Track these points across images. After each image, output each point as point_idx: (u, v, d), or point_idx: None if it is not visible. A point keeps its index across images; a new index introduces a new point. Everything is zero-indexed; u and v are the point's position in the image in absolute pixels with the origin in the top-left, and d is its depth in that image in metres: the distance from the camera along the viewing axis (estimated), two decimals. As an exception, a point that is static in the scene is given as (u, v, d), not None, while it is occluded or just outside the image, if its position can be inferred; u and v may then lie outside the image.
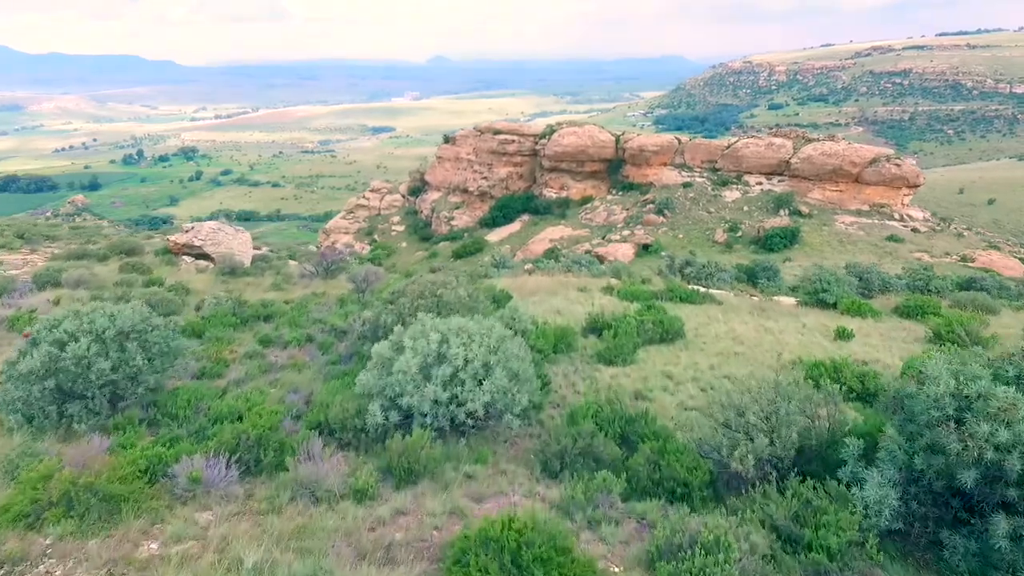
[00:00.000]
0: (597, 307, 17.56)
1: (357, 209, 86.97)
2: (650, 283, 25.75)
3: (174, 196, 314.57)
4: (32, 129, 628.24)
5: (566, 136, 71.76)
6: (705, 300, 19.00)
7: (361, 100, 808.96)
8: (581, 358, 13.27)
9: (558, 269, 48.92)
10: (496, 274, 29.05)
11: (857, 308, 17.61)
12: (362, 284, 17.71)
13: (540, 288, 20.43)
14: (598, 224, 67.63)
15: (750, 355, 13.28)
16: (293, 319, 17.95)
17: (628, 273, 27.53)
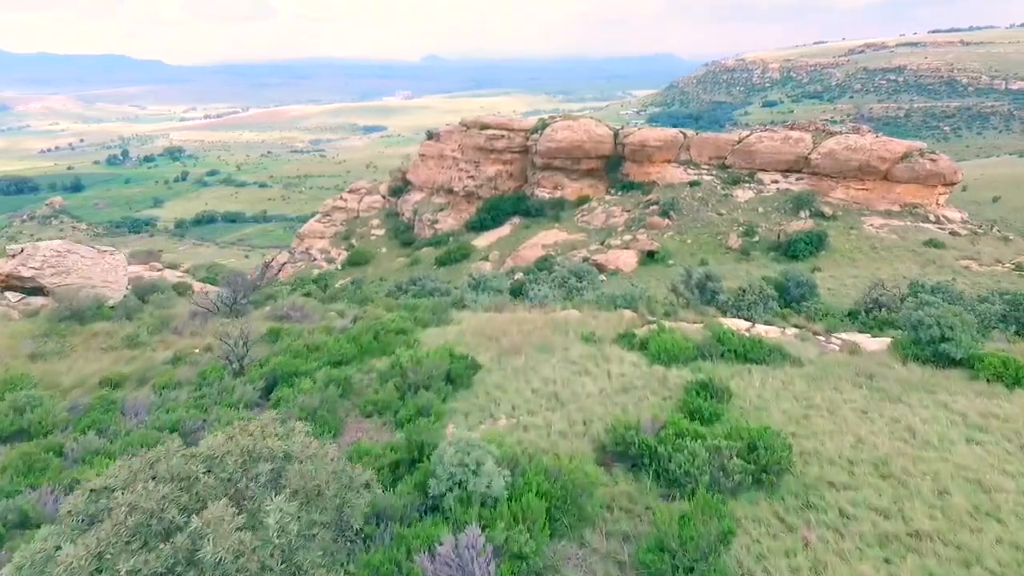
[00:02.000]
0: (617, 381, 11.19)
1: (334, 211, 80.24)
2: (676, 314, 19.23)
3: (158, 197, 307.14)
4: (18, 130, 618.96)
5: (560, 131, 65.27)
6: (773, 355, 12.65)
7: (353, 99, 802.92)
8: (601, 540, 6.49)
9: (553, 283, 42.41)
10: (473, 301, 22.58)
11: (1018, 374, 11.20)
12: (241, 350, 11.34)
13: (526, 336, 14.06)
14: (596, 227, 61.18)
15: (927, 527, 6.65)
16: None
17: (646, 300, 21.03)
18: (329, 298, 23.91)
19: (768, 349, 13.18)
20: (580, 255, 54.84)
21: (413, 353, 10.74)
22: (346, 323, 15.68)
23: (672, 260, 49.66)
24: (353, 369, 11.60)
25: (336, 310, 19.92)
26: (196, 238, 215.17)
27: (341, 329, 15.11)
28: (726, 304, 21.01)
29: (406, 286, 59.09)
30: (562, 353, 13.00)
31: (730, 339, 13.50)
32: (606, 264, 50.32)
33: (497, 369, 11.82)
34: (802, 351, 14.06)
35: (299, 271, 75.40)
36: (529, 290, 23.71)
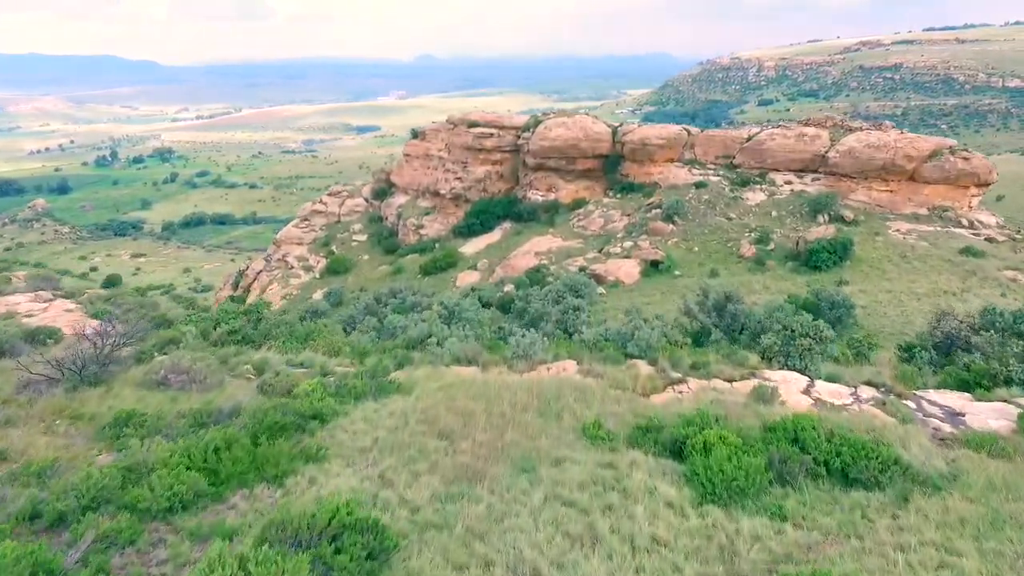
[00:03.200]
0: (647, 557, 6.30)
1: (313, 216, 75.08)
2: (707, 366, 14.26)
3: (146, 199, 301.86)
4: (9, 131, 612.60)
5: (554, 128, 60.29)
6: (889, 471, 7.77)
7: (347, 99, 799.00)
8: None
9: (546, 299, 37.45)
10: (443, 339, 17.63)
11: None
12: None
13: (499, 427, 9.19)
14: (594, 233, 56.26)
15: None
16: None
17: (666, 346, 15.99)
18: (262, 335, 18.97)
19: (878, 458, 8.27)
20: (576, 264, 49.94)
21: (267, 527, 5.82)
22: (239, 401, 10.73)
23: (679, 271, 44.80)
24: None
25: (249, 362, 14.87)
26: (183, 241, 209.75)
27: (228, 413, 10.15)
28: (771, 349, 16.04)
29: (385, 298, 53.96)
30: (553, 474, 8.05)
31: (813, 440, 8.60)
32: (605, 275, 45.41)
33: (433, 533, 6.72)
34: (915, 450, 9.15)
35: (275, 279, 70.29)
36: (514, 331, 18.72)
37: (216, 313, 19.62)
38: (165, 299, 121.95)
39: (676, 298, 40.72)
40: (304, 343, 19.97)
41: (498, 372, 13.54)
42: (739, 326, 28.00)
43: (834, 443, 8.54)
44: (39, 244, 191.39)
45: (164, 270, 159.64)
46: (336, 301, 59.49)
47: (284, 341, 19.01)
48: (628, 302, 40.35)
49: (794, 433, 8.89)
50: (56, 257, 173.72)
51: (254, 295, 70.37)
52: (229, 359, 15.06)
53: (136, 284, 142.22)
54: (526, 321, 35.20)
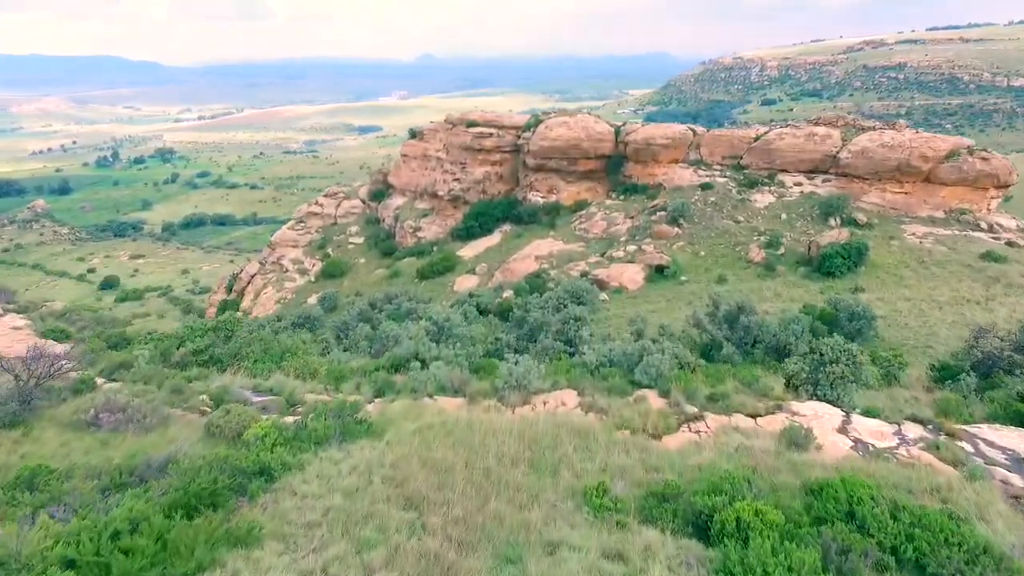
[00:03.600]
0: None
1: (309, 217, 73.34)
2: (727, 398, 12.42)
3: (147, 200, 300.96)
4: (11, 131, 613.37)
5: (555, 128, 58.45)
6: (976, 562, 5.98)
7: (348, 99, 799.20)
8: None
9: (546, 307, 35.59)
10: (430, 361, 15.83)
11: None
12: None
13: (484, 489, 7.39)
14: (596, 236, 54.42)
15: None
16: None
17: (679, 374, 14.10)
18: (232, 354, 17.18)
19: (961, 546, 6.45)
20: (578, 269, 48.12)
21: None
22: (176, 449, 8.91)
23: (685, 276, 42.94)
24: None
25: (207, 391, 13.06)
26: (183, 242, 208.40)
27: (158, 467, 8.36)
28: (799, 376, 14.15)
29: (380, 304, 52.16)
30: (545, 568, 6.18)
31: (874, 516, 6.78)
32: (608, 281, 43.59)
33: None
34: (998, 524, 7.33)
35: (270, 283, 68.58)
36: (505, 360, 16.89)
37: (181, 330, 17.86)
38: (132, 312, 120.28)
39: (683, 305, 38.91)
40: (280, 362, 18.20)
41: (486, 408, 11.73)
42: (752, 338, 26.18)
43: (902, 522, 6.73)
44: (37, 245, 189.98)
45: (162, 271, 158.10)
46: (331, 306, 57.75)
47: (256, 361, 17.22)
48: (632, 310, 38.54)
49: (848, 505, 7.08)
50: (54, 258, 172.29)
51: (248, 299, 68.68)
52: (184, 388, 13.25)
53: (133, 286, 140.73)
54: (525, 331, 33.40)
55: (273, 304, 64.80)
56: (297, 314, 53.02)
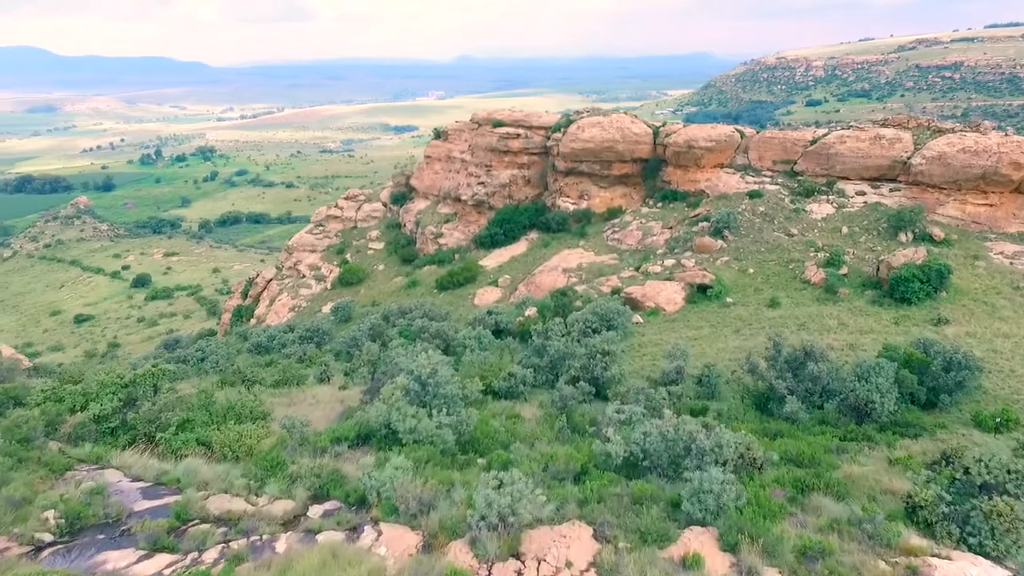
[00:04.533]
0: None
1: (328, 221, 70.15)
2: (826, 555, 7.81)
3: (186, 197, 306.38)
4: (65, 129, 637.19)
5: (587, 128, 53.74)
6: None
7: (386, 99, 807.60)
8: None
9: (569, 335, 31.05)
10: (406, 436, 11.63)
11: None
12: None
13: None
14: (630, 247, 49.58)
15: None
16: None
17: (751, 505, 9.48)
18: (148, 421, 13.19)
19: None
20: (610, 284, 43.39)
21: None
22: None
23: (731, 297, 37.83)
24: None
25: (64, 499, 9.04)
26: (217, 240, 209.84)
27: None
28: (933, 511, 9.31)
29: (394, 318, 48.35)
30: None
31: None
32: (643, 300, 38.77)
33: None
34: None
35: (285, 289, 65.56)
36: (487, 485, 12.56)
37: (92, 385, 14.02)
38: (159, 311, 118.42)
39: (729, 333, 33.92)
40: (220, 421, 14.23)
41: (454, 558, 7.38)
42: (820, 388, 21.26)
43: None
44: (78, 241, 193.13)
45: (194, 270, 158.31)
46: (344, 316, 54.29)
47: (180, 428, 13.21)
48: (671, 336, 33.75)
49: None
50: (92, 255, 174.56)
51: (263, 305, 65.85)
52: (28, 496, 9.26)
53: (164, 284, 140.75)
54: (545, 362, 28.95)
55: (287, 312, 61.74)
56: (306, 326, 49.61)
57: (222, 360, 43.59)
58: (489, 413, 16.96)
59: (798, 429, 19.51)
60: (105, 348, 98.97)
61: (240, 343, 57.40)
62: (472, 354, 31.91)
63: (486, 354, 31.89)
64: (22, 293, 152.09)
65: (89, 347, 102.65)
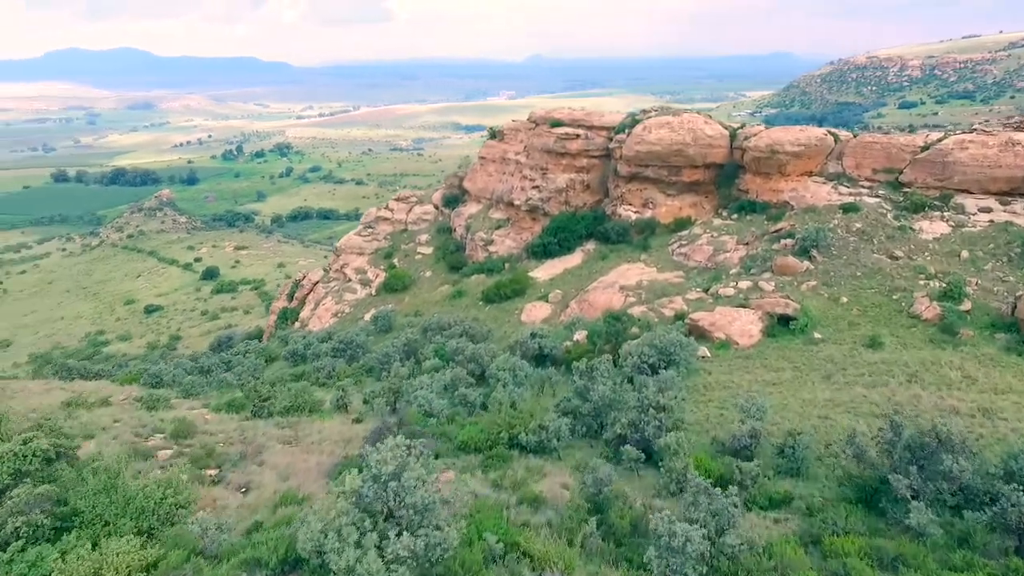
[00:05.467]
0: None
1: (378, 223, 67.43)
2: None
3: (262, 192, 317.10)
4: (159, 125, 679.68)
5: (655, 129, 48.17)
6: None
7: (458, 99, 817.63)
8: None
9: (620, 375, 26.00)
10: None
11: None
12: None
13: None
14: (698, 264, 43.79)
15: None
16: None
17: None
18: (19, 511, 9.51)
19: None
20: (673, 307, 37.93)
21: None
22: None
23: (819, 332, 31.66)
24: None
25: None
26: (286, 235, 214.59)
27: None
28: None
29: (433, 332, 44.54)
30: None
31: None
32: (711, 330, 33.18)
33: None
34: None
35: (330, 293, 63.20)
36: None
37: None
38: (221, 305, 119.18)
39: (817, 379, 27.93)
40: (135, 518, 10.42)
41: None
42: (956, 487, 15.49)
43: None
44: (158, 232, 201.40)
45: (261, 264, 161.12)
46: (384, 327, 51.06)
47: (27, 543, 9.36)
48: (744, 378, 28.13)
49: None
50: (169, 246, 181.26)
51: (308, 308, 63.79)
52: None
53: (231, 277, 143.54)
54: (588, 410, 24.11)
55: (330, 317, 59.27)
56: (340, 337, 46.58)
57: (246, 372, 41.14)
58: (489, 515, 12.36)
59: (927, 549, 13.94)
60: (167, 340, 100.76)
61: (280, 348, 55.31)
62: (504, 390, 27.43)
63: (520, 391, 27.36)
64: (103, 281, 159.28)
65: (153, 338, 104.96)
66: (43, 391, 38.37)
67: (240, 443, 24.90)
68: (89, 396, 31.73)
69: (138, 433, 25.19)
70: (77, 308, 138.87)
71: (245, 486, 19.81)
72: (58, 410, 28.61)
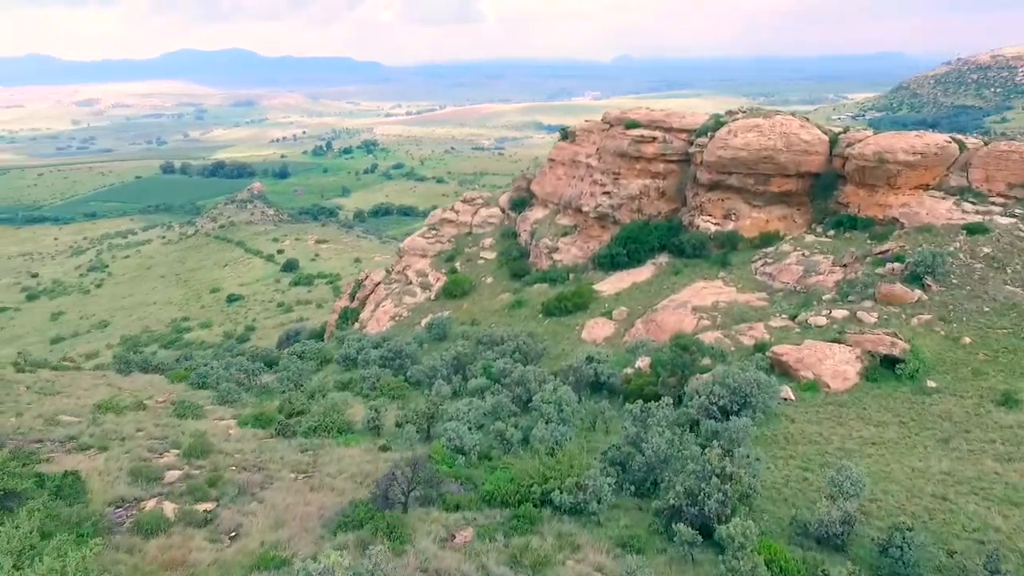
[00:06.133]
0: None
1: (442, 224, 65.56)
2: None
3: (347, 187, 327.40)
4: (259, 122, 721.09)
5: (741, 133, 43.19)
6: None
7: (543, 99, 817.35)
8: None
9: (682, 419, 22.02)
10: None
11: None
12: None
13: None
14: (785, 286, 38.63)
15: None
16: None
17: None
18: None
19: None
20: (753, 335, 33.28)
21: None
22: None
23: (934, 379, 26.26)
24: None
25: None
26: (365, 230, 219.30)
27: None
28: None
29: (485, 345, 41.70)
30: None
31: None
32: (797, 367, 28.43)
33: None
34: None
35: (390, 295, 61.89)
36: None
37: None
38: (296, 298, 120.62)
39: (932, 443, 22.75)
40: None
41: None
42: None
43: None
44: (247, 224, 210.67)
45: (338, 258, 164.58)
46: (439, 334, 48.81)
47: None
48: (834, 432, 23.45)
49: None
50: (255, 237, 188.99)
51: (368, 310, 62.75)
52: None
53: (309, 271, 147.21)
54: (638, 468, 20.32)
55: (388, 320, 57.84)
56: (390, 346, 44.63)
57: (291, 378, 39.88)
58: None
59: None
60: (242, 331, 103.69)
61: (335, 349, 54.34)
62: (547, 427, 24.08)
63: (565, 429, 23.92)
64: (194, 269, 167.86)
65: (230, 328, 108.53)
66: (90, 386, 38.58)
67: (254, 467, 22.99)
68: (126, 398, 31.14)
69: (153, 448, 23.74)
70: (168, 294, 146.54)
71: (235, 530, 17.64)
72: (88, 413, 28.03)
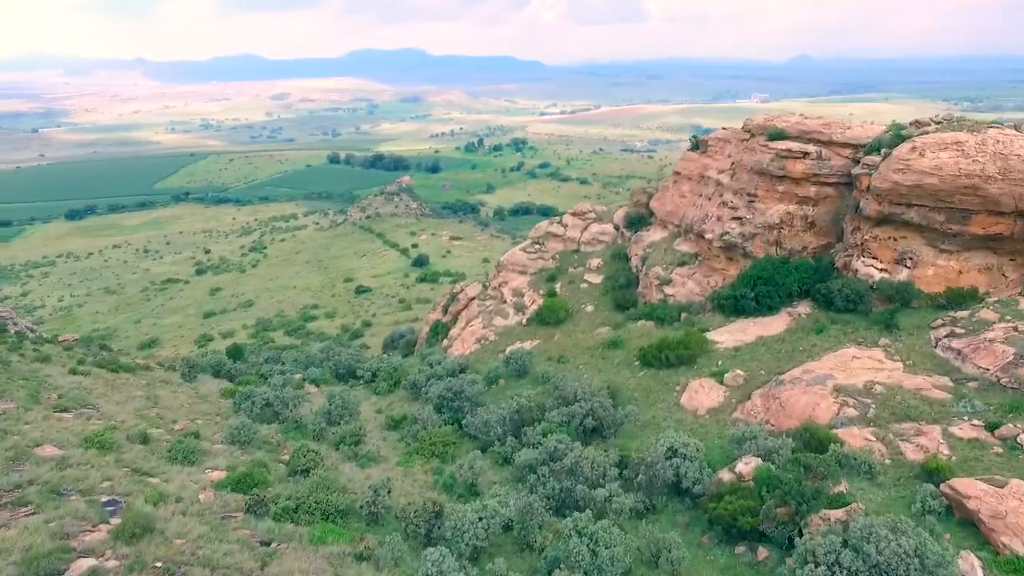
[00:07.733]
0: None
1: (548, 239, 58.75)
2: None
3: (492, 184, 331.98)
4: (423, 117, 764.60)
5: (933, 150, 31.52)
6: None
7: (704, 100, 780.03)
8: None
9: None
10: None
11: None
12: None
13: None
14: (982, 372, 27.04)
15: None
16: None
17: None
18: None
19: None
20: (923, 446, 23.01)
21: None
22: None
23: None
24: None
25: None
26: (500, 229, 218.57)
27: None
28: None
29: (555, 401, 34.34)
30: None
31: None
32: (991, 525, 18.10)
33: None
34: None
35: (483, 312, 56.37)
36: None
37: None
38: (417, 296, 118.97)
39: None
40: None
41: None
42: None
43: None
44: (391, 216, 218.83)
45: (469, 256, 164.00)
46: (518, 370, 42.24)
47: None
48: None
49: None
50: (395, 230, 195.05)
51: (458, 326, 57.82)
52: None
53: (437, 268, 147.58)
54: None
55: (473, 343, 52.36)
56: (447, 384, 38.77)
57: (333, 409, 35.33)
58: None
59: None
60: (359, 325, 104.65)
61: (412, 368, 49.87)
62: (580, 566, 16.59)
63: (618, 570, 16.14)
64: (335, 257, 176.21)
65: (350, 320, 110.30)
66: (127, 398, 36.98)
67: (181, 568, 17.94)
68: (134, 427, 28.15)
69: (88, 517, 19.32)
70: (309, 280, 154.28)
71: None
72: (69, 448, 25.19)
